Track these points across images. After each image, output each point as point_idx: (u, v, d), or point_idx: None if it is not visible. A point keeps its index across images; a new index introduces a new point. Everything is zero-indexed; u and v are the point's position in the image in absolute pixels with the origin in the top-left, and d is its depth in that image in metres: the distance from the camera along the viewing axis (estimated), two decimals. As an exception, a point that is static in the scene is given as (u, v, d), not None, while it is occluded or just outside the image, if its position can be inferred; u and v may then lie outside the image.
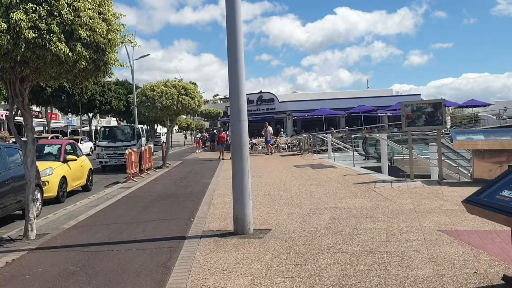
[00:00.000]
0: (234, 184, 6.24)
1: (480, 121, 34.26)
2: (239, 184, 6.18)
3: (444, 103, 10.01)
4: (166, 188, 12.19)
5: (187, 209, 8.58)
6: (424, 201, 7.80)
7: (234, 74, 6.13)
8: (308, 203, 8.21)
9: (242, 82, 6.17)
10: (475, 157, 9.60)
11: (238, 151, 6.18)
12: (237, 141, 6.18)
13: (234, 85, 6.15)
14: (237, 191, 6.20)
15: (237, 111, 6.16)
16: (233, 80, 6.15)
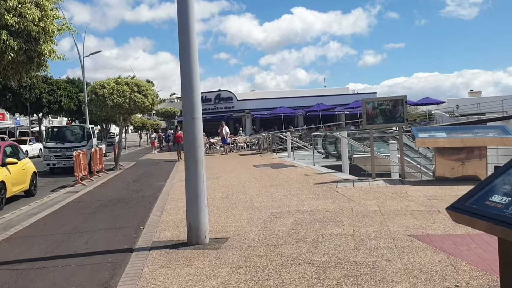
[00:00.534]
0: (188, 189, 5.63)
1: (434, 119, 35.14)
2: (193, 189, 5.57)
3: (405, 100, 9.78)
4: (117, 192, 11.36)
5: (137, 215, 7.87)
6: (388, 201, 7.47)
7: (187, 65, 5.52)
8: (268, 206, 7.70)
9: (196, 74, 5.57)
10: (437, 155, 9.42)
11: (191, 152, 5.57)
12: (190, 141, 5.57)
13: (186, 78, 5.54)
14: (191, 197, 5.60)
15: (191, 107, 5.55)
16: (186, 72, 5.54)
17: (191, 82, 5.53)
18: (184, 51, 5.51)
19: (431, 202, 7.20)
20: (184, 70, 5.54)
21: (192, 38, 5.51)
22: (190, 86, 5.53)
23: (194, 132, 5.56)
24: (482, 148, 9.24)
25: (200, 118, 5.63)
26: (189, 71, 5.51)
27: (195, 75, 5.55)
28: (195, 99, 5.55)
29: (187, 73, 5.53)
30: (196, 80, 5.57)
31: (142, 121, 46.41)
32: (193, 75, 5.53)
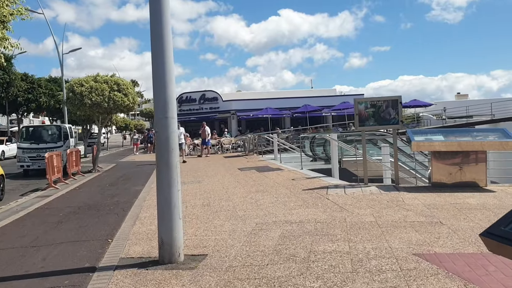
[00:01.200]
0: (159, 199, 4.88)
1: (422, 121, 34.80)
2: (166, 200, 4.82)
3: (400, 101, 9.16)
4: (90, 197, 10.53)
5: (108, 225, 7.09)
6: (385, 211, 6.81)
7: (159, 56, 4.78)
8: (253, 216, 6.98)
9: (169, 66, 4.83)
10: (434, 159, 8.81)
11: (164, 157, 4.83)
12: (162, 143, 4.83)
13: (158, 71, 4.80)
14: (163, 209, 4.85)
15: (163, 105, 4.81)
16: (158, 64, 4.80)
17: (164, 75, 4.79)
18: (155, 37, 4.77)
19: (431, 212, 6.56)
20: (156, 61, 4.80)
21: (165, 19, 4.77)
22: (163, 80, 4.79)
23: (167, 134, 4.82)
24: (481, 152, 8.66)
25: (174, 118, 4.89)
26: (161, 62, 4.77)
27: (168, 67, 4.81)
28: (168, 96, 4.81)
29: (159, 64, 4.79)
30: (170, 73, 4.83)
31: (125, 121, 45.28)
32: (166, 67, 4.79)
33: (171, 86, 4.83)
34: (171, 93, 4.84)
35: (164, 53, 4.78)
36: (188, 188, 10.74)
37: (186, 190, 10.39)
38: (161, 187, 4.84)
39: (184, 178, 12.96)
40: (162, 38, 4.74)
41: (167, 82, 4.79)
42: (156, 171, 4.90)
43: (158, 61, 4.78)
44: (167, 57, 4.77)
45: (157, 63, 4.79)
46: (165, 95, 4.80)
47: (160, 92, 4.80)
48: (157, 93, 4.83)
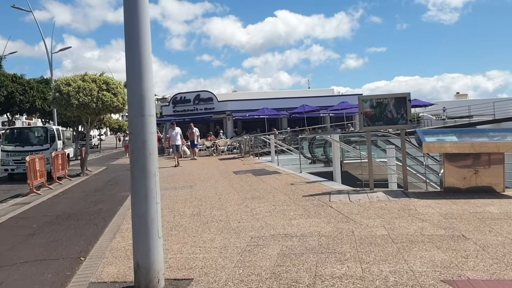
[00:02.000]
0: (134, 215, 4.07)
1: (422, 122, 34.07)
2: (142, 215, 4.01)
3: (409, 98, 8.38)
4: (72, 204, 9.70)
5: (84, 239, 6.27)
6: (397, 222, 6.01)
7: (133, 39, 3.97)
8: (248, 228, 6.17)
9: (145, 55, 4.02)
10: (446, 162, 8.04)
11: (139, 163, 4.01)
12: (138, 147, 4.01)
13: (132, 60, 3.99)
14: (138, 226, 4.03)
15: (139, 100, 4.00)
16: (132, 50, 3.99)
17: (140, 64, 3.98)
18: (129, 18, 3.97)
19: (450, 223, 5.77)
20: (130, 47, 3.99)
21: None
22: (138, 70, 3.98)
23: (144, 135, 4.00)
24: (498, 155, 7.89)
25: (152, 116, 4.08)
26: (136, 48, 3.96)
27: (144, 55, 4.00)
28: (145, 89, 4.00)
29: (133, 50, 3.98)
30: (146, 63, 4.02)
31: (119, 123, 44.34)
32: (142, 55, 3.98)
33: (148, 78, 4.02)
34: (148, 86, 4.03)
35: (140, 36, 3.97)
36: (178, 194, 9.92)
37: (176, 196, 9.58)
38: (136, 200, 4.03)
39: (175, 183, 12.15)
40: (138, 19, 3.93)
41: (143, 72, 3.98)
42: (131, 181, 4.09)
43: (133, 47, 3.97)
44: (143, 42, 3.96)
45: (132, 49, 3.98)
46: (140, 88, 3.98)
47: (135, 84, 3.99)
48: (132, 86, 4.02)
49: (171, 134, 19.61)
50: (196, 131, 22.79)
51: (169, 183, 12.34)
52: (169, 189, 10.98)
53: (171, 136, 19.69)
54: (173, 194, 9.90)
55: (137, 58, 3.97)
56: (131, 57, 3.99)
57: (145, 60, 3.99)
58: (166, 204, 8.62)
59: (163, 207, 8.22)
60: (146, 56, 4.01)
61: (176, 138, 19.23)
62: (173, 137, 19.41)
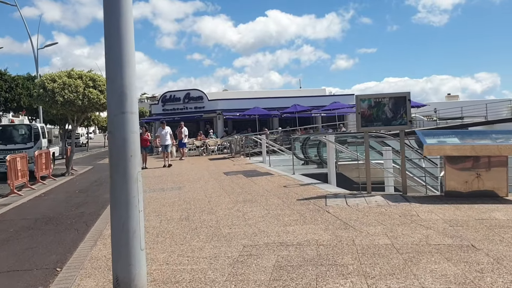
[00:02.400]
0: (114, 224, 3.62)
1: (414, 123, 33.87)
2: (123, 225, 3.56)
3: (409, 97, 8.01)
4: (53, 206, 9.19)
5: (63, 246, 5.80)
6: (399, 229, 5.62)
7: (113, 29, 3.52)
8: (240, 234, 5.74)
9: (128, 46, 3.57)
10: (448, 165, 7.68)
11: (119, 166, 3.57)
12: (118, 148, 3.57)
13: (113, 51, 3.54)
14: (118, 237, 3.58)
15: (119, 95, 3.55)
16: (112, 39, 3.54)
17: (121, 55, 3.53)
18: (109, 3, 3.51)
19: (456, 231, 5.40)
20: (109, 35, 3.54)
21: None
22: (119, 63, 3.53)
23: (125, 134, 3.56)
24: (501, 157, 7.55)
25: (134, 114, 3.63)
26: (116, 38, 3.51)
27: (126, 45, 3.55)
28: (126, 83, 3.55)
29: (113, 41, 3.53)
30: (129, 54, 3.58)
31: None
32: (123, 45, 3.53)
33: (129, 71, 3.58)
34: (130, 81, 3.58)
35: (121, 22, 3.52)
36: (166, 196, 9.46)
37: (164, 198, 9.12)
38: (116, 208, 3.58)
39: (163, 184, 11.69)
40: (118, 2, 3.48)
41: (124, 64, 3.54)
42: (110, 186, 3.64)
43: (112, 34, 3.52)
44: (124, 29, 3.52)
45: (111, 36, 3.53)
46: (121, 82, 3.54)
47: (115, 78, 3.54)
48: (111, 80, 3.57)
49: (161, 133, 18.91)
50: (184, 130, 22.18)
51: (157, 184, 11.86)
52: (156, 190, 10.50)
53: (160, 135, 18.97)
54: (161, 196, 9.43)
55: (117, 48, 3.52)
56: (110, 46, 3.54)
57: (127, 50, 3.55)
58: (153, 207, 8.16)
59: (150, 211, 7.77)
60: (127, 46, 3.56)
61: (166, 138, 18.59)
62: (162, 136, 18.72)
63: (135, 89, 3.67)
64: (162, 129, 18.97)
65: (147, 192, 10.36)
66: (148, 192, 10.37)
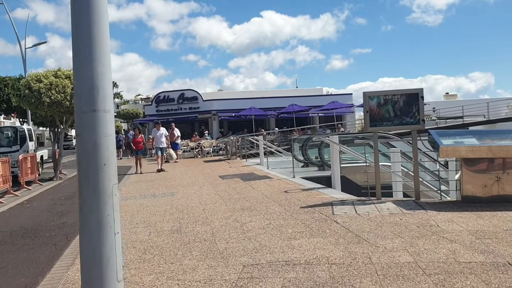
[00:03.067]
0: (83, 251, 2.89)
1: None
2: (94, 252, 2.84)
3: (422, 95, 7.35)
4: (34, 216, 8.45)
5: (36, 265, 5.07)
6: (420, 243, 4.93)
7: (81, 3, 2.81)
8: (239, 251, 5.03)
9: (101, 26, 2.86)
10: (465, 167, 7.01)
11: (90, 178, 2.85)
12: (88, 155, 2.85)
13: (81, 32, 2.83)
14: (89, 267, 2.86)
15: (89, 90, 2.84)
16: (80, 16, 2.83)
17: (91, 37, 2.82)
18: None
19: (486, 245, 4.72)
20: (77, 12, 2.83)
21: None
22: (89, 48, 2.82)
23: (96, 138, 2.84)
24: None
25: (108, 112, 2.91)
26: (86, 14, 2.80)
27: (98, 24, 2.84)
28: (98, 75, 2.84)
29: (82, 18, 2.82)
30: (101, 35, 2.87)
31: (100, 123, 42.51)
32: (94, 24, 2.82)
33: (102, 58, 2.87)
34: (103, 70, 2.87)
35: (91, 12, 2.81)
36: (157, 203, 8.74)
37: (155, 206, 8.40)
38: (86, 231, 2.86)
39: (155, 189, 10.96)
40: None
41: (95, 49, 2.83)
42: (79, 204, 2.93)
43: (80, 9, 2.81)
44: (96, 3, 2.81)
45: (79, 13, 2.82)
46: (92, 72, 2.83)
47: (84, 67, 2.83)
48: (79, 69, 2.86)
49: (155, 135, 17.50)
50: (176, 131, 21.29)
51: (148, 189, 11.13)
52: (147, 197, 9.77)
53: (155, 137, 17.52)
54: (151, 204, 8.71)
55: (86, 28, 2.81)
56: (78, 26, 2.83)
57: (99, 29, 2.84)
58: (142, 216, 7.44)
59: (138, 221, 7.05)
60: (100, 26, 2.85)
61: (161, 140, 17.25)
62: (157, 138, 17.33)
63: (110, 82, 2.96)
64: (157, 131, 17.58)
65: (137, 198, 9.64)
66: (139, 198, 9.65)
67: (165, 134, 17.62)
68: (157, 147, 17.22)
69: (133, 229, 6.53)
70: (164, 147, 17.46)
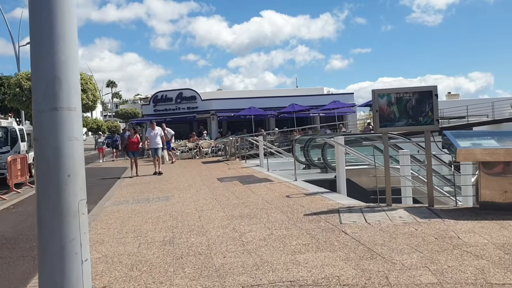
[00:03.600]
0: (42, 284, 2.33)
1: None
2: (58, 285, 2.27)
3: (436, 93, 6.79)
4: (18, 223, 7.89)
5: (8, 282, 4.51)
6: (442, 258, 4.37)
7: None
8: (238, 267, 4.46)
9: (66, 7, 2.29)
10: (483, 171, 6.45)
11: (51, 193, 2.29)
12: (48, 164, 2.30)
13: (39, 9, 2.27)
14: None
15: (50, 83, 2.28)
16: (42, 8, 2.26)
17: (52, 16, 2.26)
18: None
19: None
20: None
21: None
22: (50, 29, 2.26)
23: (58, 142, 2.28)
24: (546, 162, 6.33)
25: (74, 111, 2.36)
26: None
27: (61, 6, 2.27)
28: (60, 65, 2.28)
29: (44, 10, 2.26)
30: (65, 15, 2.30)
31: (97, 123, 42.09)
32: (56, 5, 2.26)
33: (69, 44, 2.30)
34: (68, 59, 2.30)
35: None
36: (150, 208, 8.17)
37: (147, 212, 7.83)
38: (46, 259, 2.31)
39: (149, 193, 10.40)
40: None
41: (57, 34, 2.26)
42: (37, 224, 2.36)
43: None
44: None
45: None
46: (52, 63, 2.26)
47: (44, 55, 2.27)
48: (37, 59, 2.29)
49: (150, 134, 16.15)
50: (170, 131, 20.50)
51: (143, 193, 10.56)
52: (141, 201, 9.20)
53: (149, 137, 16.14)
54: (144, 209, 8.14)
55: (46, 4, 2.24)
56: (36, 1, 2.26)
57: (62, 7, 2.27)
58: (132, 224, 6.87)
59: (128, 230, 6.49)
60: (63, 4, 2.29)
61: (155, 140, 15.87)
62: (152, 138, 15.95)
63: (76, 73, 2.40)
64: (151, 130, 16.27)
65: (130, 203, 9.08)
66: (131, 203, 9.08)
67: (160, 134, 16.19)
68: (152, 148, 15.99)
69: (122, 239, 5.97)
70: (159, 148, 16.00)
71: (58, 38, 2.26)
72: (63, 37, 2.28)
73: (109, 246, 5.64)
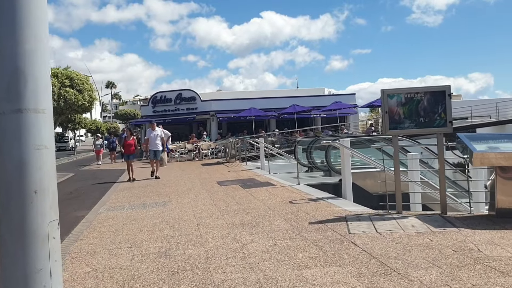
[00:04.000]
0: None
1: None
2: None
3: (449, 93, 6.39)
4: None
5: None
6: (464, 275, 3.96)
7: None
8: (239, 285, 4.06)
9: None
10: (500, 176, 6.04)
11: (15, 213, 1.88)
12: (10, 178, 1.88)
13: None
14: None
15: (11, 79, 1.87)
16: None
17: (14, 4, 1.85)
18: None
19: (548, 279, 3.75)
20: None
21: None
22: (11, 13, 1.86)
23: (21, 152, 1.88)
24: None
25: (43, 113, 1.94)
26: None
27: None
28: (23, 56, 1.87)
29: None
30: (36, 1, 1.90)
31: (96, 124, 41.72)
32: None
33: (36, 28, 1.90)
34: (37, 48, 1.90)
35: None
36: (146, 215, 7.77)
37: (143, 219, 7.43)
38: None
39: (146, 198, 9.99)
40: None
41: (20, 14, 1.86)
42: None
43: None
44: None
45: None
46: (14, 52, 1.86)
47: (3, 42, 1.86)
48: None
49: (149, 136, 15.24)
50: (166, 132, 19.98)
51: (139, 197, 10.16)
52: (137, 207, 8.80)
53: (149, 138, 15.23)
54: (140, 216, 7.74)
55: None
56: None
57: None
58: (127, 233, 6.47)
59: (122, 239, 6.08)
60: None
61: (155, 142, 15.01)
62: (151, 139, 15.07)
63: (46, 65, 1.99)
64: (151, 131, 15.38)
65: (126, 209, 8.67)
66: (127, 209, 8.68)
67: (161, 135, 15.37)
68: (151, 150, 15.15)
69: (115, 250, 5.56)
70: (158, 150, 15.21)
71: (22, 20, 1.87)
72: (29, 17, 1.88)
73: (100, 258, 5.24)
